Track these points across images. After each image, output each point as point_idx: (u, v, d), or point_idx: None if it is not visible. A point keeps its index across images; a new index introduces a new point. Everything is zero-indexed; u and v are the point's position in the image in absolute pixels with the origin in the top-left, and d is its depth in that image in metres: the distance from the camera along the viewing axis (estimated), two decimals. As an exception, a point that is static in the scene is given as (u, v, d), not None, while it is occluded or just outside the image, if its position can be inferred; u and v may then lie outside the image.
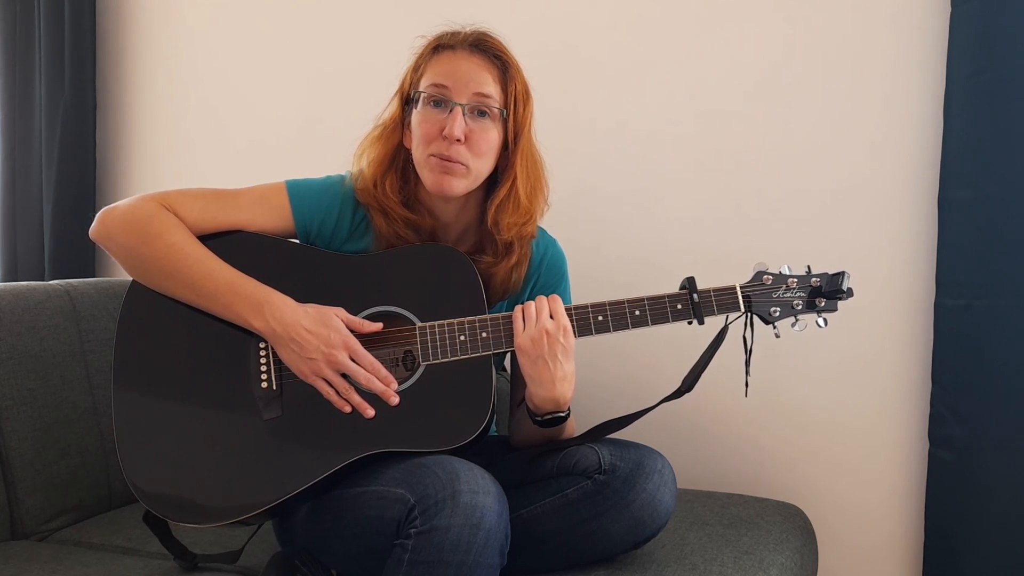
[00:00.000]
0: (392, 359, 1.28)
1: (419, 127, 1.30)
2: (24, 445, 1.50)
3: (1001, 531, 1.52)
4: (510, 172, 1.33)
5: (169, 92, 2.30)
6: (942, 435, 1.58)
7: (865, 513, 1.70)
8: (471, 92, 1.27)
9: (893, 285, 1.65)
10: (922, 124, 1.61)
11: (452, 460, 1.15)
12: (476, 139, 1.28)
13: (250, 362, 1.28)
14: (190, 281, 1.26)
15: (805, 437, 1.74)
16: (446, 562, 1.06)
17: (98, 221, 1.31)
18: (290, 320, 1.23)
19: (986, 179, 1.50)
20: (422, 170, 1.31)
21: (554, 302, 1.25)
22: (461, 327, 1.26)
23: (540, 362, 1.23)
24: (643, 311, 1.27)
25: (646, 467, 1.23)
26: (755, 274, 1.29)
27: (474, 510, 1.07)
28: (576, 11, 1.86)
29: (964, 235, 1.53)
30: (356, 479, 1.21)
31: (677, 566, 1.28)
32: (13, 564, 1.33)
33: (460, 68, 1.28)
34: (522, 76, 1.33)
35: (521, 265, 1.37)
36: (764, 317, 1.28)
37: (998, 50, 1.47)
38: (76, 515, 1.57)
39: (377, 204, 1.33)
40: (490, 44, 1.31)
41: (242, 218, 1.33)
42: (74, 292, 1.65)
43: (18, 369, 1.51)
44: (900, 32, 1.62)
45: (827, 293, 1.27)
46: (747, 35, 1.73)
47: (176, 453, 1.25)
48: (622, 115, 1.83)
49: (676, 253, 1.80)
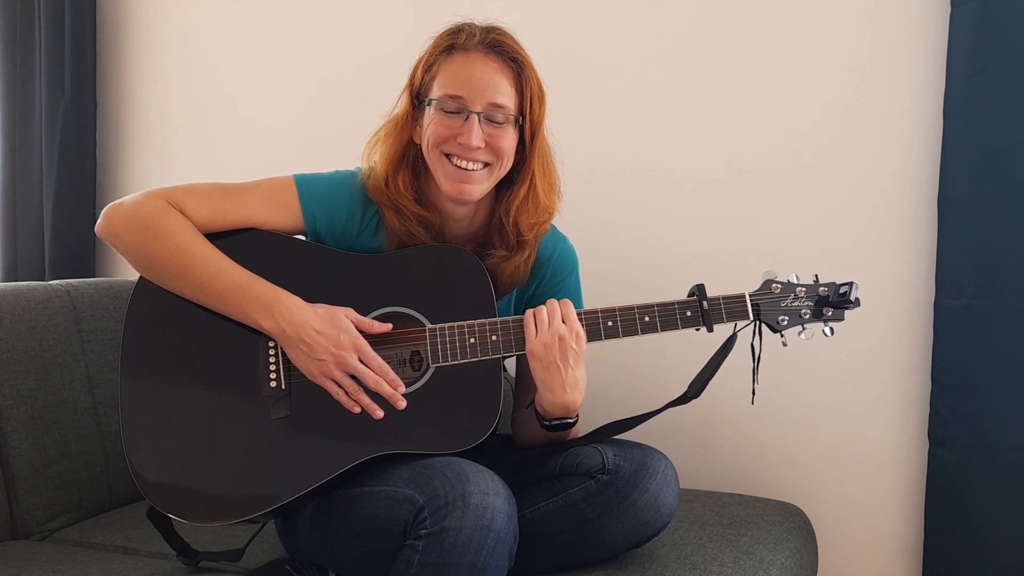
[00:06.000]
0: (399, 359, 1.27)
1: (432, 128, 1.27)
2: (24, 445, 1.50)
3: (1001, 531, 1.52)
4: (527, 171, 1.32)
5: (169, 92, 2.30)
6: (942, 435, 1.58)
7: (865, 513, 1.70)
8: (486, 101, 1.25)
9: (893, 285, 1.65)
10: (922, 124, 1.61)
11: (460, 461, 1.15)
12: (495, 143, 1.27)
13: (259, 361, 1.27)
14: (198, 281, 1.26)
15: (805, 437, 1.74)
16: (456, 563, 1.06)
17: (104, 218, 1.29)
18: (299, 320, 1.23)
19: (986, 179, 1.50)
20: (436, 172, 1.29)
21: (566, 307, 1.24)
22: (471, 329, 1.25)
23: (552, 367, 1.22)
24: (653, 317, 1.26)
25: (649, 467, 1.23)
26: (764, 282, 1.29)
27: (484, 511, 1.07)
28: (585, 22, 1.86)
29: (964, 235, 1.53)
30: (363, 479, 1.21)
31: (677, 566, 1.28)
32: (13, 564, 1.33)
33: (475, 75, 1.25)
34: (536, 75, 1.30)
35: (531, 258, 1.36)
36: (772, 326, 1.28)
37: (998, 50, 1.47)
38: (76, 515, 1.57)
39: (390, 202, 1.32)
40: (505, 45, 1.28)
41: (250, 214, 1.31)
42: (74, 292, 1.65)
43: (18, 369, 1.51)
44: (900, 32, 1.62)
45: (834, 303, 1.27)
46: (749, 38, 1.73)
47: (184, 451, 1.24)
48: (633, 124, 1.83)
49: (685, 255, 1.80)
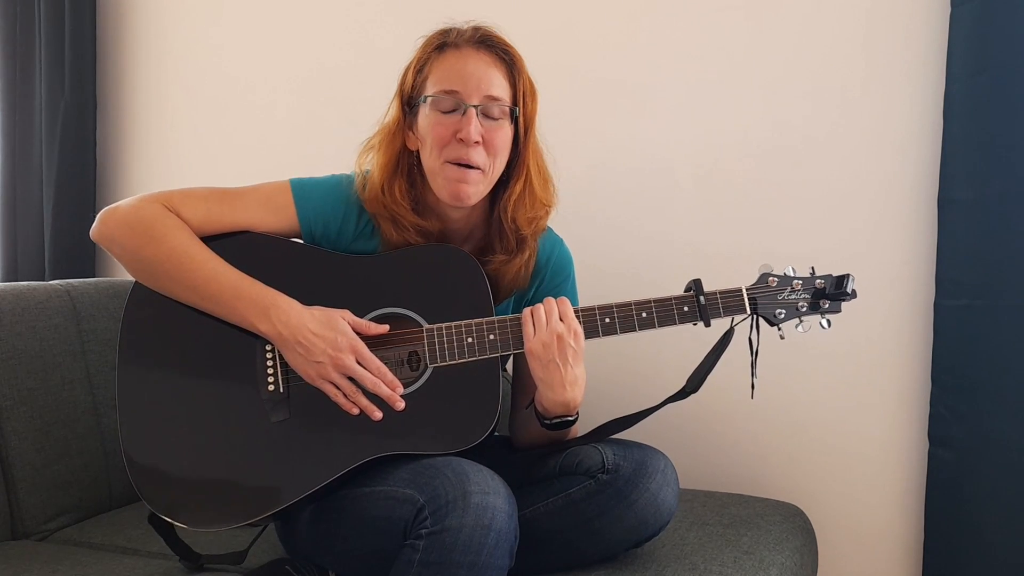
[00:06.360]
0: (397, 360, 1.27)
1: (430, 131, 1.26)
2: (24, 445, 1.50)
3: (1001, 531, 1.52)
4: (522, 167, 1.31)
5: (169, 92, 2.29)
6: (942, 435, 1.58)
7: (865, 513, 1.70)
8: (482, 94, 1.25)
9: (893, 285, 1.65)
10: (922, 124, 1.61)
11: (460, 461, 1.15)
12: (492, 139, 1.26)
13: (256, 364, 1.27)
14: (194, 284, 1.25)
15: (805, 437, 1.74)
16: (457, 563, 1.05)
17: (99, 222, 1.29)
18: (296, 323, 1.22)
19: (986, 179, 1.50)
20: (435, 178, 1.28)
21: (563, 304, 1.24)
22: (468, 329, 1.25)
23: (551, 366, 1.22)
24: (650, 313, 1.26)
25: (649, 467, 1.23)
26: (760, 276, 1.29)
27: (485, 511, 1.07)
28: (582, 18, 1.86)
29: (964, 235, 1.53)
30: (362, 479, 1.21)
31: (677, 566, 1.28)
32: (13, 564, 1.33)
33: (468, 68, 1.26)
34: (527, 70, 1.31)
35: (531, 260, 1.36)
36: (769, 319, 1.28)
37: (998, 50, 1.47)
38: (76, 515, 1.57)
39: (386, 212, 1.31)
40: (496, 40, 1.29)
41: (246, 218, 1.31)
42: (74, 292, 1.65)
43: (18, 369, 1.51)
44: (900, 32, 1.62)
45: (831, 295, 1.26)
46: (748, 37, 1.73)
47: (184, 456, 1.24)
48: (629, 120, 1.83)
49: (681, 253, 1.80)
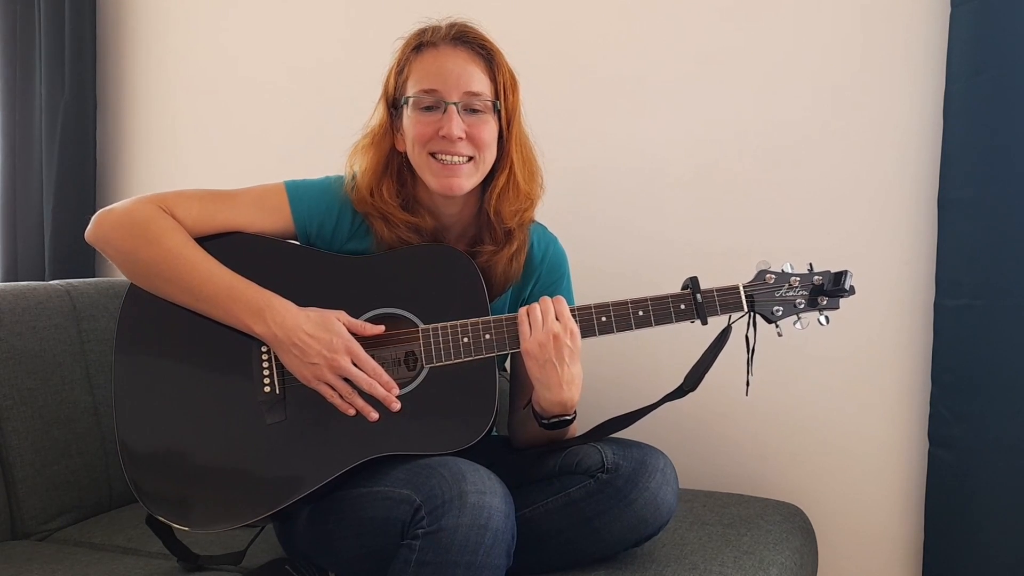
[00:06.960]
0: (394, 360, 1.27)
1: (413, 129, 1.28)
2: (24, 445, 1.50)
3: (1001, 531, 1.52)
4: (506, 160, 1.32)
5: (169, 92, 2.30)
6: (942, 435, 1.58)
7: (865, 513, 1.70)
8: (462, 91, 1.26)
9: (893, 285, 1.65)
10: (922, 124, 1.61)
11: (457, 461, 1.14)
12: (477, 133, 1.27)
13: (252, 366, 1.27)
14: (189, 286, 1.25)
15: (805, 437, 1.74)
16: (454, 562, 1.05)
17: (94, 224, 1.29)
18: (291, 324, 1.22)
19: (986, 179, 1.50)
20: (423, 172, 1.29)
21: (559, 304, 1.24)
22: (464, 329, 1.25)
23: (548, 366, 1.22)
24: (647, 311, 1.26)
25: (648, 466, 1.23)
26: (758, 273, 1.29)
27: (481, 510, 1.07)
28: (581, 18, 1.86)
29: (964, 235, 1.53)
30: (359, 480, 1.21)
31: (677, 566, 1.28)
32: (13, 564, 1.33)
33: (447, 66, 1.26)
34: (507, 63, 1.31)
35: (520, 252, 1.36)
36: (767, 316, 1.27)
37: (998, 50, 1.47)
38: (76, 515, 1.57)
39: (377, 212, 1.31)
40: (472, 35, 1.29)
41: (241, 219, 1.31)
42: (74, 292, 1.65)
43: (18, 369, 1.51)
44: (900, 32, 1.62)
45: (829, 291, 1.26)
46: (748, 37, 1.73)
47: (181, 458, 1.24)
48: (628, 119, 1.83)
49: (678, 251, 1.80)
